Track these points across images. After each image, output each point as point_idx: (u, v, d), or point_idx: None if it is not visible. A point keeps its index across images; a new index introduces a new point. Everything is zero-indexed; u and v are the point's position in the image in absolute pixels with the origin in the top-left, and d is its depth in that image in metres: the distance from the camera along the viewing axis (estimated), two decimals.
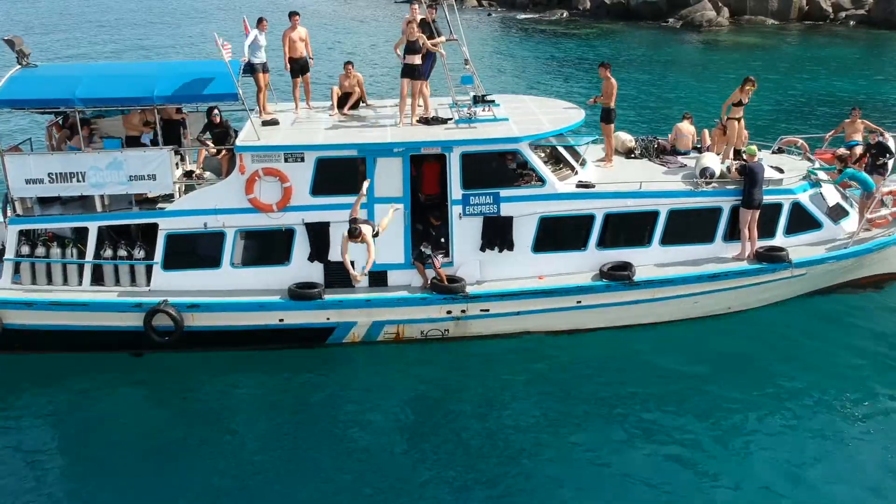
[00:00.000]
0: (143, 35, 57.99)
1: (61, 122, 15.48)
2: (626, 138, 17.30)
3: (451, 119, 15.31)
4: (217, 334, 14.44)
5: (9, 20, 66.07)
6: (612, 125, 16.27)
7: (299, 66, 16.18)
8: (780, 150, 17.83)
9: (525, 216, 14.65)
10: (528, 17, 64.71)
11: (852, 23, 56.71)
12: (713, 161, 15.64)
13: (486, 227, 14.65)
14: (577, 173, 15.40)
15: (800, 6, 58.24)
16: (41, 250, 14.38)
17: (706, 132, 17.42)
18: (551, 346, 14.73)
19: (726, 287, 15.14)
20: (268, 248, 14.68)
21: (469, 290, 14.51)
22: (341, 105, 16.12)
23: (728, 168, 15.56)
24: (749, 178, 14.77)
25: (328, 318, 14.48)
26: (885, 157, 16.35)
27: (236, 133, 15.08)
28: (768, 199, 15.01)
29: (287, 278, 14.53)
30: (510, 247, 14.75)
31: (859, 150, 17.48)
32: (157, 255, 14.40)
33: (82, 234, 14.44)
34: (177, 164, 14.85)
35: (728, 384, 13.61)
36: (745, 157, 15.44)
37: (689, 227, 15.15)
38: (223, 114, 15.28)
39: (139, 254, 14.48)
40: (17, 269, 14.50)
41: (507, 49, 49.61)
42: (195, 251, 14.61)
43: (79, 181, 14.11)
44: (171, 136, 15.12)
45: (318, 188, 14.32)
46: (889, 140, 16.58)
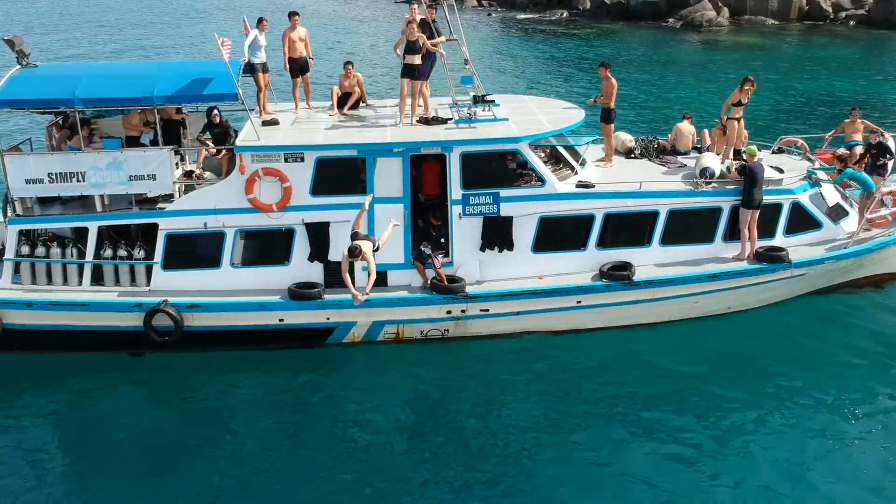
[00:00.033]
0: (143, 35, 58.01)
1: (61, 122, 15.47)
2: (626, 138, 17.30)
3: (451, 119, 15.31)
4: (217, 334, 14.44)
5: (9, 20, 66.09)
6: (612, 125, 16.27)
7: (299, 66, 16.17)
8: (780, 150, 17.83)
9: (525, 216, 14.66)
10: (528, 17, 64.75)
11: (852, 23, 56.75)
12: (713, 161, 15.64)
13: (485, 227, 14.65)
14: (576, 173, 15.40)
15: (800, 6, 58.28)
16: (41, 250, 14.38)
17: (706, 132, 17.42)
18: (551, 346, 14.73)
19: (726, 287, 15.14)
20: (268, 248, 14.68)
21: (469, 290, 14.52)
22: (341, 105, 16.12)
23: (728, 168, 15.56)
24: (749, 178, 14.77)
25: (328, 318, 14.49)
26: (886, 157, 16.35)
27: (236, 133, 15.09)
28: (768, 199, 15.02)
29: (287, 278, 14.54)
30: (510, 247, 14.76)
31: (859, 150, 17.47)
32: (157, 255, 14.40)
33: (82, 234, 14.44)
34: (177, 164, 14.85)
35: (728, 384, 13.62)
36: (745, 157, 15.44)
37: (689, 227, 15.15)
38: (223, 114, 15.28)
39: (139, 254, 14.48)
40: (17, 269, 14.50)
41: (507, 49, 49.62)
42: (195, 251, 14.61)
43: (79, 181, 14.11)
44: (171, 137, 15.13)
45: (318, 188, 14.33)
46: (889, 140, 16.58)
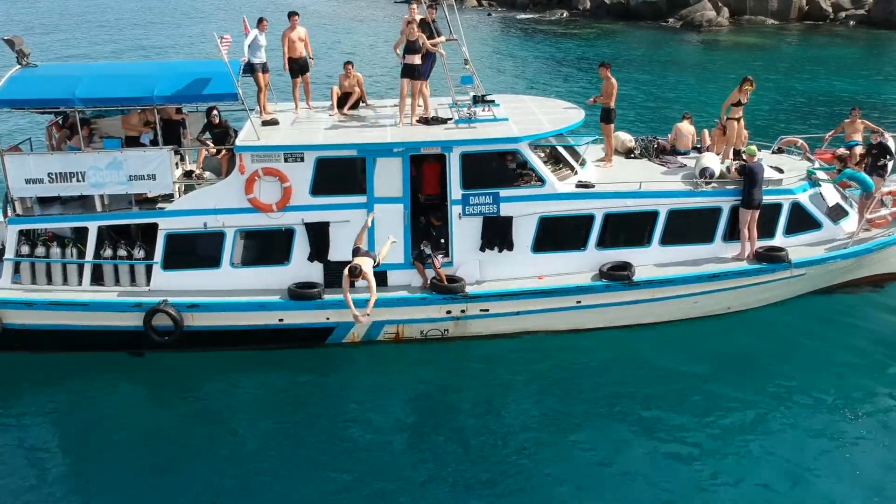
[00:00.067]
0: (143, 35, 58.04)
1: (61, 121, 15.48)
2: (625, 138, 17.30)
3: (450, 119, 15.31)
4: (217, 334, 14.44)
5: (9, 20, 66.09)
6: (612, 125, 16.27)
7: (299, 66, 16.17)
8: (780, 150, 17.83)
9: (525, 216, 14.66)
10: (528, 17, 64.78)
11: (852, 23, 56.78)
12: (713, 161, 15.64)
13: (485, 227, 14.65)
14: (576, 173, 15.40)
15: (800, 6, 58.31)
16: (41, 250, 14.39)
17: (706, 132, 17.42)
18: (551, 346, 14.73)
19: (726, 287, 15.14)
20: (267, 247, 14.68)
21: (469, 290, 14.52)
22: (341, 105, 16.12)
23: (728, 168, 15.56)
24: (749, 178, 14.77)
25: (328, 318, 14.49)
26: (886, 157, 16.34)
27: (236, 133, 15.09)
28: (768, 199, 15.02)
29: (287, 278, 14.54)
30: (510, 247, 14.75)
31: (859, 150, 17.48)
32: (157, 255, 14.40)
33: (82, 233, 14.45)
34: (176, 164, 14.86)
35: (728, 384, 13.62)
36: (744, 157, 15.45)
37: (689, 227, 15.15)
38: (223, 114, 15.28)
39: (139, 254, 14.49)
40: (16, 269, 14.51)
41: (507, 49, 49.63)
42: (195, 251, 14.61)
43: (79, 181, 14.12)
44: (171, 137, 15.13)
45: (318, 188, 14.33)
46: (889, 140, 16.55)
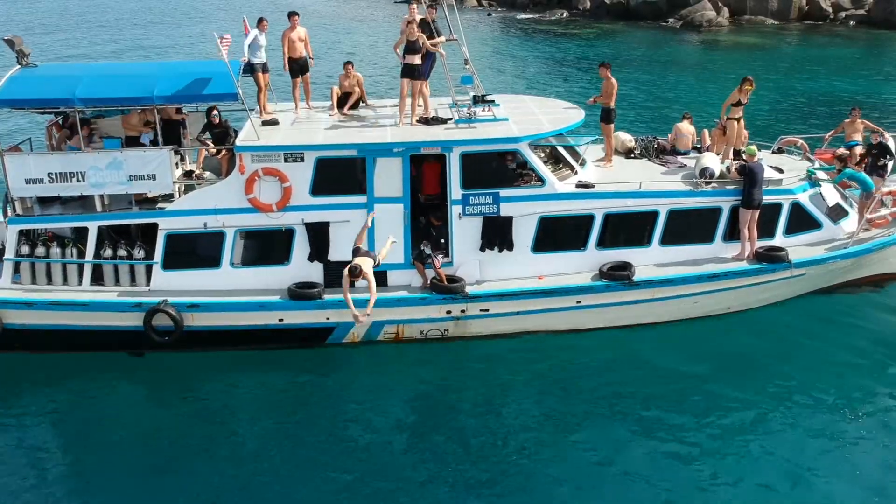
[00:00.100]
0: (143, 35, 58.05)
1: (61, 121, 15.48)
2: (625, 138, 17.30)
3: (450, 119, 15.31)
4: (217, 334, 14.44)
5: (9, 20, 66.09)
6: (612, 125, 16.27)
7: (299, 66, 16.17)
8: (780, 150, 17.83)
9: (525, 216, 14.66)
10: (528, 17, 64.80)
11: (852, 23, 56.79)
12: (713, 161, 15.64)
13: (485, 227, 14.65)
14: (576, 173, 15.40)
15: (800, 6, 58.32)
16: (41, 250, 14.38)
17: (706, 132, 17.42)
18: (551, 346, 14.73)
19: (726, 287, 15.14)
20: (267, 247, 14.68)
21: (469, 290, 14.52)
22: (341, 105, 16.12)
23: (728, 168, 15.56)
24: (749, 178, 14.77)
25: (328, 318, 14.49)
26: (886, 158, 16.34)
27: (236, 133, 15.09)
28: (768, 199, 15.02)
29: (287, 278, 14.54)
30: (510, 247, 14.75)
31: (859, 150, 17.47)
32: (157, 255, 14.40)
33: (82, 233, 14.44)
34: (176, 163, 14.85)
35: (728, 384, 13.61)
36: (744, 157, 15.44)
37: (689, 227, 15.15)
38: (223, 114, 15.28)
39: (139, 254, 14.49)
40: (16, 269, 14.50)
41: (507, 49, 49.64)
42: (195, 251, 14.61)
43: (79, 181, 14.11)
44: (171, 137, 15.13)
45: (318, 188, 14.33)
46: (889, 140, 16.55)
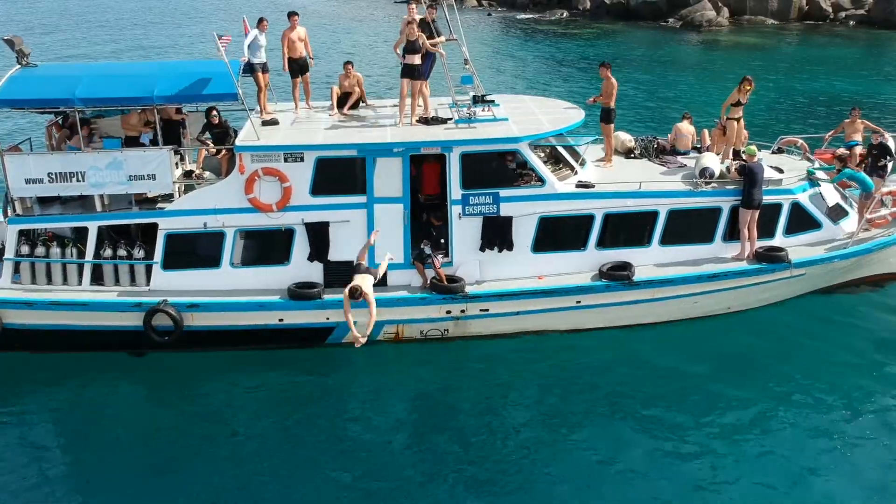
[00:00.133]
0: (143, 35, 58.05)
1: (61, 121, 15.48)
2: (625, 138, 17.30)
3: (450, 119, 15.31)
4: (217, 334, 14.44)
5: (9, 20, 66.09)
6: (612, 125, 16.27)
7: (298, 66, 16.16)
8: (780, 150, 17.84)
9: (525, 216, 14.66)
10: (528, 17, 64.83)
11: (852, 23, 56.82)
12: (713, 161, 15.64)
13: (485, 227, 14.65)
14: (576, 173, 15.40)
15: (800, 6, 58.34)
16: (41, 250, 14.38)
17: (706, 132, 17.42)
18: (551, 346, 14.73)
19: (726, 287, 15.14)
20: (267, 247, 14.68)
21: (468, 290, 14.52)
22: (341, 105, 16.12)
23: (728, 168, 15.56)
24: (749, 178, 14.77)
25: (328, 318, 14.48)
26: (886, 158, 16.33)
27: (236, 133, 15.09)
28: (768, 199, 15.02)
29: (287, 278, 14.54)
30: (510, 247, 14.75)
31: (859, 150, 17.46)
32: (157, 255, 14.40)
33: (82, 233, 14.44)
34: (176, 163, 14.85)
35: (727, 384, 13.62)
36: (744, 157, 15.45)
37: (689, 227, 15.15)
38: (223, 114, 15.27)
39: (139, 253, 14.48)
40: (16, 269, 14.50)
41: (507, 49, 49.65)
42: (195, 251, 14.60)
43: (78, 181, 14.11)
44: (171, 137, 15.13)
45: (318, 188, 14.33)
46: (889, 140, 16.55)
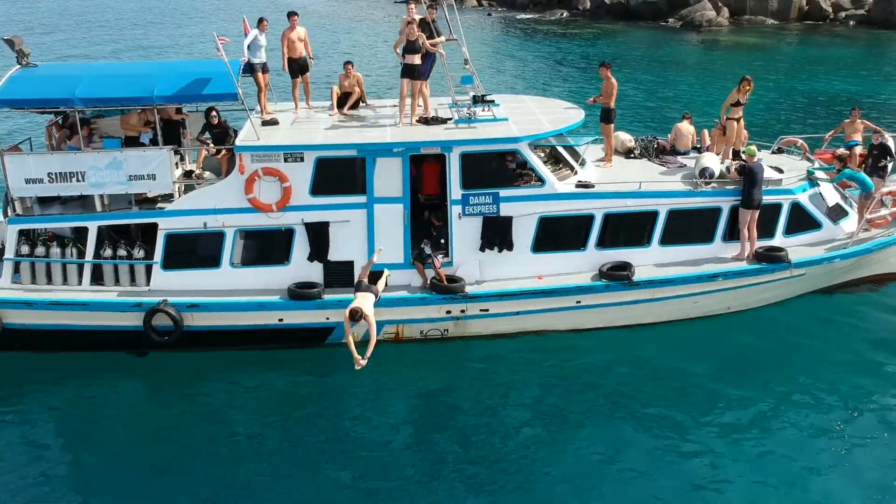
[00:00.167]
0: (143, 35, 58.05)
1: (61, 121, 15.48)
2: (625, 138, 17.30)
3: (450, 119, 15.31)
4: (217, 334, 14.44)
5: (9, 20, 66.08)
6: (612, 125, 16.27)
7: (298, 66, 16.16)
8: (780, 151, 17.84)
9: (524, 216, 14.66)
10: (528, 17, 64.83)
11: (852, 23, 56.83)
12: (713, 161, 15.64)
13: (485, 227, 14.65)
14: (576, 173, 15.40)
15: (800, 6, 58.35)
16: (41, 250, 14.38)
17: (706, 132, 17.42)
18: (551, 346, 14.73)
19: (726, 287, 15.14)
20: (267, 247, 14.68)
21: (468, 290, 14.52)
22: (341, 105, 16.12)
23: (727, 168, 15.57)
24: (748, 178, 14.77)
25: (328, 318, 14.49)
26: (886, 159, 16.32)
27: (236, 133, 15.09)
28: (768, 199, 15.02)
29: (286, 278, 14.54)
30: (510, 247, 14.75)
31: (859, 150, 17.46)
32: (157, 255, 14.40)
33: (82, 233, 14.45)
34: (176, 163, 14.85)
35: (727, 384, 13.62)
36: (744, 157, 15.45)
37: (689, 227, 15.15)
38: (223, 114, 15.27)
39: (139, 253, 14.49)
40: (16, 269, 14.50)
41: (507, 49, 49.66)
42: (195, 251, 14.61)
43: (78, 181, 14.11)
44: (171, 137, 15.13)
45: (318, 188, 14.33)
46: (889, 140, 16.54)
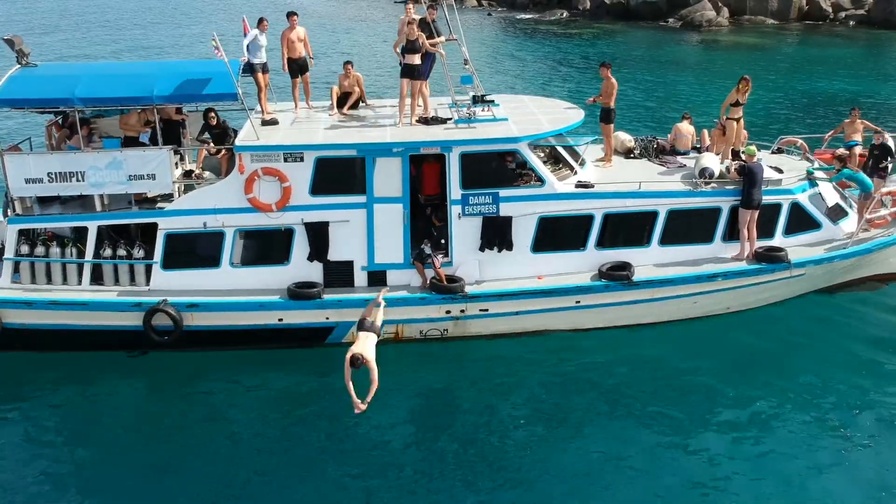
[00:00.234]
0: (143, 35, 58.04)
1: (61, 121, 15.48)
2: (625, 138, 17.30)
3: (450, 119, 15.31)
4: (216, 334, 14.45)
5: (9, 20, 66.07)
6: (612, 125, 16.27)
7: (298, 66, 16.16)
8: (780, 151, 17.84)
9: (524, 216, 14.66)
10: (528, 17, 64.82)
11: (852, 23, 56.83)
12: (712, 161, 15.65)
13: (485, 226, 14.66)
14: (576, 173, 15.40)
15: (800, 6, 58.35)
16: (41, 249, 14.39)
17: (706, 132, 17.42)
18: (551, 346, 14.73)
19: (725, 287, 15.14)
20: (267, 247, 14.69)
21: (468, 289, 14.52)
22: (341, 105, 16.12)
23: (727, 168, 15.57)
24: (748, 178, 14.77)
25: (327, 318, 14.49)
26: (887, 159, 16.32)
27: (235, 133, 15.09)
28: (767, 199, 15.02)
29: (286, 278, 14.54)
30: (509, 247, 14.75)
31: (859, 150, 17.46)
32: (157, 255, 14.40)
33: (82, 233, 14.45)
34: (176, 163, 14.85)
35: (727, 383, 13.62)
36: (744, 157, 15.45)
37: (689, 227, 15.15)
38: (223, 114, 15.27)
39: (138, 253, 14.49)
40: (16, 269, 14.51)
41: (507, 49, 49.65)
42: (194, 251, 14.61)
43: (78, 181, 14.12)
44: (171, 137, 15.13)
45: (318, 188, 14.33)
46: (889, 141, 16.55)
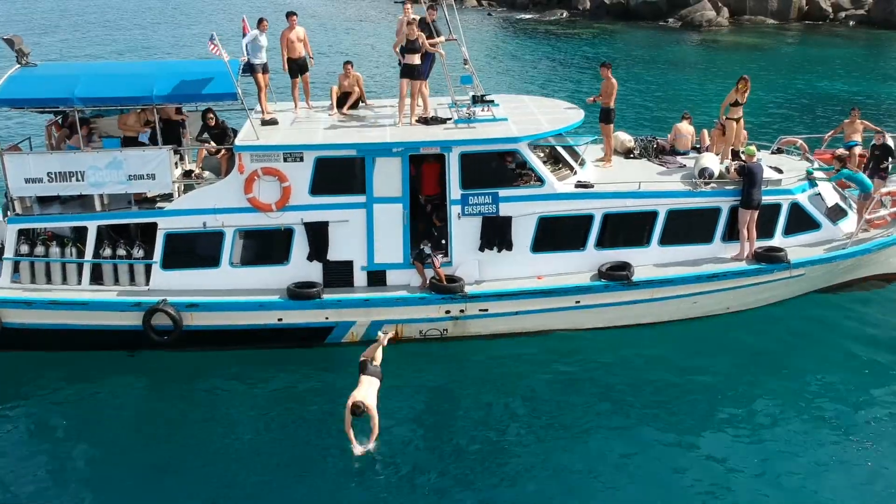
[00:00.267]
0: (143, 35, 58.01)
1: (60, 121, 15.49)
2: (625, 138, 17.30)
3: (450, 119, 15.32)
4: (216, 333, 14.45)
5: (9, 20, 66.05)
6: (612, 125, 16.27)
7: (298, 66, 16.16)
8: (780, 151, 17.85)
9: (524, 216, 14.66)
10: (528, 17, 64.77)
11: (852, 23, 56.80)
12: (712, 161, 15.65)
13: (484, 226, 14.66)
14: (575, 173, 15.40)
15: (799, 6, 58.32)
16: (40, 249, 14.39)
17: (705, 132, 17.42)
18: (551, 346, 14.73)
19: (725, 287, 15.14)
20: (267, 247, 14.69)
21: (468, 289, 14.52)
22: (340, 105, 16.13)
23: (727, 168, 15.57)
24: (748, 178, 14.77)
25: (327, 318, 14.50)
26: (888, 159, 16.31)
27: (235, 133, 15.09)
28: (767, 199, 15.02)
29: (286, 278, 14.54)
30: (509, 247, 14.76)
31: (858, 150, 17.46)
32: (156, 255, 14.40)
33: (81, 233, 14.45)
34: (176, 163, 14.86)
35: (726, 383, 13.63)
36: (743, 157, 15.45)
37: (688, 227, 15.15)
38: (223, 114, 15.27)
39: (138, 253, 14.49)
40: (16, 268, 14.51)
41: (507, 49, 49.64)
42: (194, 250, 14.61)
43: (78, 180, 14.12)
44: (171, 137, 15.13)
45: (318, 188, 14.34)
46: (889, 141, 16.55)
